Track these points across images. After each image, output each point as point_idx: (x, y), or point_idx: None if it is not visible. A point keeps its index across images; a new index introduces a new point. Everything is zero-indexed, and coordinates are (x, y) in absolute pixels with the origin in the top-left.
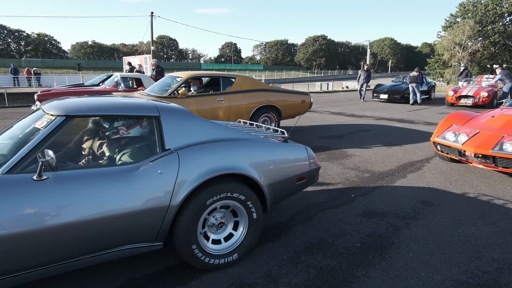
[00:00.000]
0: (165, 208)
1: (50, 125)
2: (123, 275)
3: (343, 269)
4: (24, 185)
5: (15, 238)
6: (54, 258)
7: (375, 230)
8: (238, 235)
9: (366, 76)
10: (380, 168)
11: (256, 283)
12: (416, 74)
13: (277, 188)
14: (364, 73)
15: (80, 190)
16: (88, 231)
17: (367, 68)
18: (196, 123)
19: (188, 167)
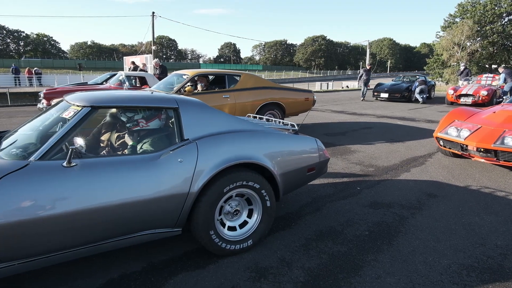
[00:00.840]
0: (185, 194)
1: (77, 115)
2: (142, 260)
3: (353, 255)
4: (54, 171)
5: (47, 221)
6: (82, 241)
7: (382, 220)
8: (253, 222)
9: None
10: (383, 163)
11: (271, 267)
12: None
13: (289, 178)
14: (367, 72)
15: (106, 177)
16: (113, 216)
17: (369, 67)
18: (213, 114)
19: (206, 156)
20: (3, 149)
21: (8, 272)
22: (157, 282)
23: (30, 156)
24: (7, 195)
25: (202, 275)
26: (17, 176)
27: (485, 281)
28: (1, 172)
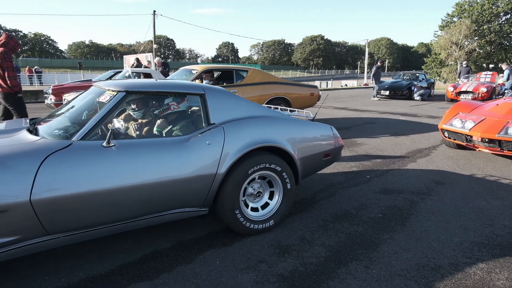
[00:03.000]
0: (213, 175)
1: (113, 99)
2: (170, 239)
3: (369, 234)
4: (95, 150)
5: (88, 197)
6: (120, 217)
7: (394, 204)
8: (274, 204)
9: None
10: (390, 154)
11: (293, 244)
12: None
13: (307, 163)
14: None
15: (141, 157)
16: (148, 194)
17: (381, 63)
18: (236, 101)
19: (232, 139)
20: (44, 131)
21: (54, 244)
22: (187, 258)
23: (73, 137)
24: (54, 172)
25: (229, 252)
26: (63, 154)
27: (496, 256)
28: (49, 150)
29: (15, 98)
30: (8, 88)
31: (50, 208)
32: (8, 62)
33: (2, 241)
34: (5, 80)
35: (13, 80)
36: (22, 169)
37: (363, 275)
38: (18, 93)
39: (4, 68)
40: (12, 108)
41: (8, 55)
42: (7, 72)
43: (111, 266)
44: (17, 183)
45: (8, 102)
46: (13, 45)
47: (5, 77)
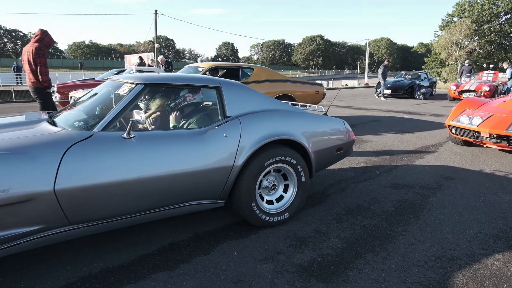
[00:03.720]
0: (229, 167)
1: (132, 91)
2: (187, 231)
3: (383, 226)
4: (115, 141)
5: (109, 188)
6: (139, 208)
7: (405, 198)
8: (288, 197)
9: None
10: (397, 151)
11: (309, 236)
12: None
13: (320, 156)
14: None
15: (161, 148)
16: (166, 185)
17: (387, 63)
18: (251, 94)
19: (249, 131)
20: (64, 122)
21: (76, 234)
22: (205, 249)
23: (93, 128)
24: (76, 162)
25: (246, 243)
26: (85, 145)
27: (511, 247)
28: (71, 140)
29: (44, 93)
30: (39, 83)
31: (73, 198)
32: (42, 58)
33: (27, 230)
34: (36, 75)
35: (44, 75)
36: (46, 159)
37: (381, 266)
38: (47, 88)
39: (37, 63)
40: (39, 102)
41: (42, 51)
42: (40, 67)
43: (130, 257)
44: (41, 172)
45: (36, 95)
46: (48, 41)
47: (37, 72)
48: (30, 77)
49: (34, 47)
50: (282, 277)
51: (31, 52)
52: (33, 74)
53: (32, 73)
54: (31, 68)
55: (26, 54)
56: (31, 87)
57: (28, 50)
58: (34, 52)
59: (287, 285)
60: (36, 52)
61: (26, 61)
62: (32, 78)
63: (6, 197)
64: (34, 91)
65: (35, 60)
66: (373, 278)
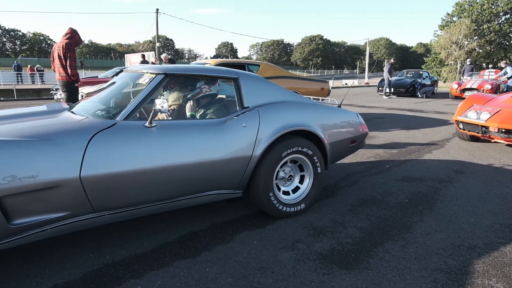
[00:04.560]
0: (248, 157)
1: (153, 81)
2: (204, 221)
3: (399, 217)
4: (138, 130)
5: (132, 176)
6: (160, 197)
7: (418, 190)
8: (304, 188)
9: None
10: (405, 146)
11: (326, 226)
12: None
13: (335, 148)
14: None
15: (182, 138)
16: (187, 174)
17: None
18: (268, 85)
19: (267, 122)
20: (86, 111)
21: (100, 222)
22: (225, 238)
23: (116, 117)
24: (101, 149)
25: (264, 233)
26: (108, 133)
27: None
28: (96, 128)
29: (72, 86)
30: (68, 77)
31: (98, 185)
32: (71, 52)
33: (53, 216)
34: (66, 69)
35: (73, 69)
36: (72, 146)
37: (400, 254)
38: (75, 82)
39: (67, 58)
40: (67, 95)
41: (72, 47)
42: (69, 61)
43: (151, 245)
44: (67, 159)
45: (64, 89)
46: (77, 39)
47: (66, 66)
48: (60, 71)
49: (65, 42)
50: (303, 264)
51: (61, 47)
52: (63, 68)
53: (62, 68)
54: (61, 63)
55: (56, 50)
56: (61, 81)
57: (59, 46)
58: (64, 47)
59: (310, 272)
60: (66, 47)
61: (57, 56)
62: (62, 72)
63: (34, 183)
64: (63, 85)
65: (65, 54)
66: (394, 265)
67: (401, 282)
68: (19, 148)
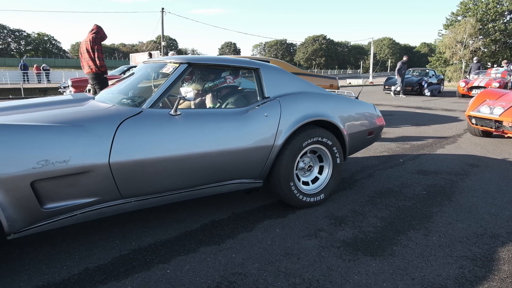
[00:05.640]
0: (270, 146)
1: (177, 70)
2: (225, 211)
3: (418, 208)
4: (163, 118)
5: (157, 163)
6: (184, 185)
7: (434, 183)
8: (323, 178)
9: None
10: (417, 141)
11: (346, 216)
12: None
13: (354, 139)
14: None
15: (205, 126)
16: (211, 163)
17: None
18: (288, 76)
19: (288, 112)
20: (111, 100)
21: (127, 209)
22: (247, 227)
23: (142, 105)
24: (128, 136)
25: (285, 222)
26: (135, 120)
27: None
28: (123, 115)
29: (101, 78)
30: (97, 68)
31: (125, 171)
32: (98, 45)
33: (83, 201)
34: (94, 61)
35: (101, 60)
36: (101, 133)
37: (424, 242)
38: (104, 73)
39: (95, 50)
40: (98, 88)
41: (98, 40)
42: (97, 53)
43: (175, 233)
44: (97, 145)
45: (95, 81)
46: (102, 34)
47: (95, 58)
48: (90, 64)
49: (92, 36)
50: (328, 251)
51: (88, 42)
52: (92, 60)
53: (91, 60)
54: (89, 56)
55: (84, 45)
56: (90, 74)
57: (86, 40)
58: (92, 40)
59: (335, 258)
60: (93, 40)
61: (85, 50)
62: (92, 65)
63: (66, 168)
64: (93, 77)
65: (93, 47)
66: (419, 252)
67: (428, 268)
68: (52, 133)
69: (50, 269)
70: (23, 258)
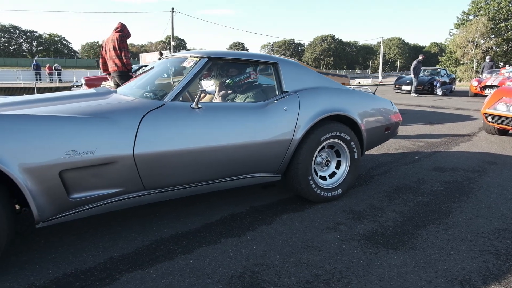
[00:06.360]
0: (288, 140)
1: (197, 65)
2: (243, 205)
3: (437, 203)
4: (185, 110)
5: (179, 155)
6: (205, 177)
7: (452, 179)
8: (341, 173)
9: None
10: (431, 139)
11: (364, 211)
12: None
13: (371, 134)
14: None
15: (225, 119)
16: (231, 155)
17: (422, 58)
18: (307, 71)
19: (307, 106)
20: (134, 93)
21: (149, 200)
22: (266, 220)
23: (164, 98)
24: (152, 128)
25: (304, 215)
26: (158, 113)
27: None
28: (146, 108)
29: (128, 75)
30: (124, 66)
31: (148, 162)
32: (125, 44)
33: (108, 192)
34: (121, 60)
35: (128, 59)
36: (126, 124)
37: (445, 236)
38: (130, 71)
39: (122, 49)
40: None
41: (124, 39)
42: (124, 52)
43: (195, 225)
44: (122, 137)
45: (122, 80)
46: (127, 32)
47: (122, 56)
48: (116, 62)
49: (118, 35)
50: (349, 244)
51: (115, 40)
52: (119, 59)
53: (118, 58)
54: (116, 54)
55: (110, 43)
56: (116, 72)
57: (112, 39)
58: (118, 39)
59: (356, 251)
60: (120, 39)
61: (111, 48)
62: (118, 63)
63: (92, 158)
64: (119, 75)
65: (120, 46)
66: (440, 246)
67: (451, 262)
68: (79, 124)
69: (76, 258)
70: (49, 248)
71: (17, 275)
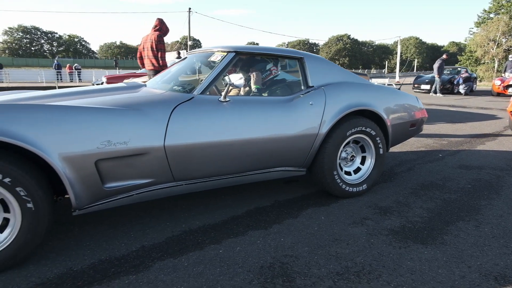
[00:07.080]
0: (314, 135)
1: (225, 59)
2: (268, 199)
3: (465, 200)
4: (213, 103)
5: (208, 147)
6: (232, 170)
7: (479, 177)
8: (366, 169)
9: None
10: (454, 138)
11: (390, 206)
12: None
13: (396, 130)
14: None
15: (253, 113)
16: (257, 149)
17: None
18: (331, 66)
19: (333, 100)
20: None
21: (178, 191)
22: (291, 214)
23: (193, 91)
24: (182, 121)
25: (329, 210)
26: (188, 105)
27: None
28: (177, 100)
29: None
30: (160, 66)
31: (179, 154)
32: (162, 44)
33: (139, 182)
34: (157, 59)
35: (164, 60)
36: (157, 116)
37: (476, 232)
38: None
39: (159, 49)
40: None
41: (162, 38)
42: (161, 53)
43: (222, 217)
44: (154, 128)
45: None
46: (165, 29)
47: (158, 56)
48: (153, 61)
49: (156, 35)
50: (377, 238)
51: (153, 40)
52: (155, 59)
53: (154, 58)
54: (153, 54)
55: (148, 42)
56: (152, 71)
57: (151, 38)
58: (156, 39)
59: (385, 245)
60: (158, 40)
61: (149, 47)
62: (155, 63)
63: (126, 148)
64: (155, 74)
65: (157, 46)
66: (472, 242)
67: (483, 258)
68: (114, 116)
69: (110, 246)
70: (83, 236)
71: (55, 260)
